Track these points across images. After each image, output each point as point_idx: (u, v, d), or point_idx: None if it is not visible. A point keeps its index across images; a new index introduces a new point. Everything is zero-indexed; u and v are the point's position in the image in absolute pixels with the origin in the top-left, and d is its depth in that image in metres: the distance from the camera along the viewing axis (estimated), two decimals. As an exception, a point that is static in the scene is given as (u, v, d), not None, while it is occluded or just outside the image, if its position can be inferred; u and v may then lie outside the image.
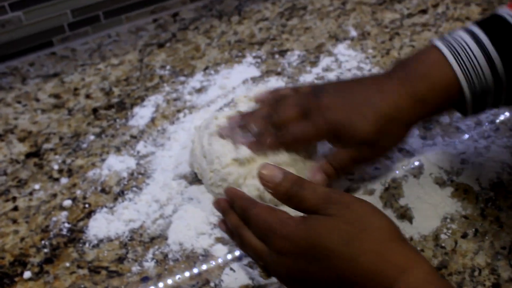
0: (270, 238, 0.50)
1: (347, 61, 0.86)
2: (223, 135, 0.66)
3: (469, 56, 0.59)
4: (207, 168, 0.65)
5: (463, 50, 0.59)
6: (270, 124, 0.63)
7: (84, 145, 0.77)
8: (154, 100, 0.83)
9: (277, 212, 0.52)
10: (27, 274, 0.62)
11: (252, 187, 0.63)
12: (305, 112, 0.62)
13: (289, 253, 0.49)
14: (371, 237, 0.47)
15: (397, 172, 0.70)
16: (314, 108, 0.62)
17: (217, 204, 0.60)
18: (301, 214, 0.51)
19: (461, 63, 0.59)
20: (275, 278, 0.53)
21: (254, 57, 0.89)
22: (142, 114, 0.80)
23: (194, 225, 0.65)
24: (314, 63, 0.87)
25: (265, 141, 0.63)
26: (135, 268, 0.62)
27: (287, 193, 0.52)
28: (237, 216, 0.56)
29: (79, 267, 0.62)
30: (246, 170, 0.63)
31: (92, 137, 0.78)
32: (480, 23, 0.61)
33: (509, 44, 0.59)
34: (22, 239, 0.66)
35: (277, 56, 0.89)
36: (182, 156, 0.73)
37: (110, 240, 0.65)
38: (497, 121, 0.75)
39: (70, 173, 0.73)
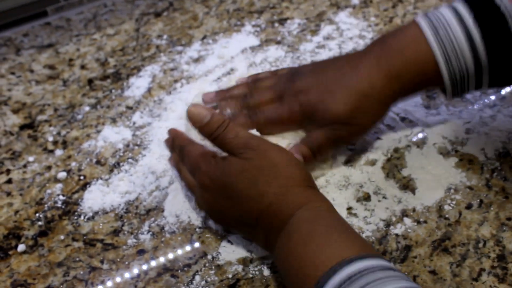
0: (196, 173, 0.57)
1: (348, 30, 0.84)
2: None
3: (448, 32, 0.57)
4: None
5: (442, 27, 0.57)
6: (245, 107, 0.63)
7: (79, 117, 0.75)
8: (150, 70, 0.81)
9: (205, 151, 0.58)
10: (21, 247, 0.61)
11: None
12: (279, 96, 0.62)
13: (209, 188, 0.55)
14: (277, 182, 0.52)
15: (400, 142, 0.68)
16: (288, 91, 0.62)
17: (166, 142, 0.65)
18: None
19: (439, 39, 0.57)
20: (201, 207, 0.60)
21: (253, 26, 0.86)
22: (138, 85, 0.78)
23: (191, 196, 0.63)
24: (314, 32, 0.84)
25: (237, 121, 0.62)
26: (131, 241, 0.60)
27: (213, 134, 0.56)
28: (177, 154, 0.62)
29: (74, 240, 0.61)
30: None
31: (87, 108, 0.76)
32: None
33: (493, 24, 0.56)
34: (16, 212, 0.64)
35: (276, 24, 0.86)
36: (179, 127, 0.70)
37: (105, 212, 0.63)
38: (503, 90, 0.73)
39: (65, 144, 0.71)
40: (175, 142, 0.62)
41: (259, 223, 0.52)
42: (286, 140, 0.61)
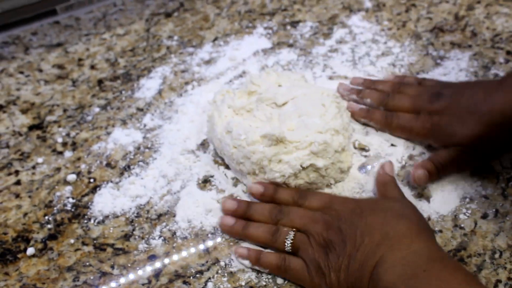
0: (329, 207, 0.57)
1: (361, 33, 0.83)
2: (340, 90, 0.72)
3: None
4: (230, 143, 0.63)
5: None
6: (383, 104, 0.69)
7: (89, 118, 0.74)
8: (161, 71, 0.80)
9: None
10: (30, 251, 0.60)
11: (277, 173, 0.60)
12: (416, 109, 0.66)
13: (339, 217, 0.55)
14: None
15: (414, 149, 0.67)
16: (426, 109, 0.65)
17: (261, 189, 0.62)
18: None
19: None
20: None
21: (265, 28, 0.85)
22: (148, 86, 0.78)
23: (203, 201, 0.63)
24: (327, 35, 0.83)
25: (373, 116, 0.69)
26: (142, 246, 0.60)
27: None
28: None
29: (84, 244, 0.60)
30: (272, 152, 0.60)
31: (97, 109, 0.75)
32: None
33: None
34: (25, 214, 0.64)
35: (289, 27, 0.85)
36: (191, 129, 0.70)
37: (116, 216, 0.63)
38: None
39: (74, 146, 0.71)
40: (281, 193, 0.61)
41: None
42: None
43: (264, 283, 0.56)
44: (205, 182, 0.65)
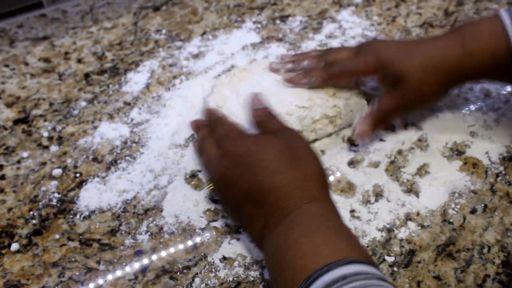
0: (224, 141, 0.57)
1: (351, 28, 0.83)
2: (273, 67, 0.68)
3: None
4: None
5: None
6: (321, 61, 0.66)
7: (75, 112, 0.73)
8: (149, 65, 0.79)
9: (237, 125, 0.60)
10: (14, 246, 0.59)
11: None
12: (356, 52, 0.65)
13: (231, 154, 0.55)
14: (299, 168, 0.54)
15: (403, 144, 0.67)
16: (366, 48, 0.65)
17: (194, 122, 0.66)
18: None
19: None
20: (213, 179, 0.58)
21: (254, 22, 0.85)
22: (136, 80, 0.77)
23: (191, 196, 0.62)
24: (317, 30, 0.83)
25: (313, 74, 0.65)
26: (128, 241, 0.59)
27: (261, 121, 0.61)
28: (208, 130, 0.63)
29: (69, 239, 0.59)
30: None
31: (83, 103, 0.74)
32: None
33: None
34: (9, 210, 0.63)
35: (278, 21, 0.85)
36: (179, 124, 0.70)
37: (102, 211, 0.62)
38: (505, 91, 0.72)
39: (60, 140, 0.70)
40: (212, 115, 0.64)
41: (265, 202, 0.52)
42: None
43: (252, 279, 0.55)
44: (193, 177, 0.64)
